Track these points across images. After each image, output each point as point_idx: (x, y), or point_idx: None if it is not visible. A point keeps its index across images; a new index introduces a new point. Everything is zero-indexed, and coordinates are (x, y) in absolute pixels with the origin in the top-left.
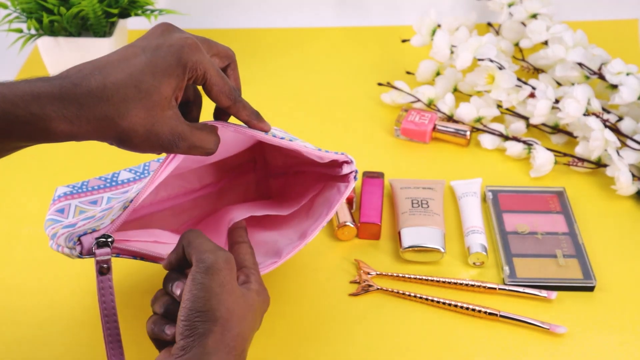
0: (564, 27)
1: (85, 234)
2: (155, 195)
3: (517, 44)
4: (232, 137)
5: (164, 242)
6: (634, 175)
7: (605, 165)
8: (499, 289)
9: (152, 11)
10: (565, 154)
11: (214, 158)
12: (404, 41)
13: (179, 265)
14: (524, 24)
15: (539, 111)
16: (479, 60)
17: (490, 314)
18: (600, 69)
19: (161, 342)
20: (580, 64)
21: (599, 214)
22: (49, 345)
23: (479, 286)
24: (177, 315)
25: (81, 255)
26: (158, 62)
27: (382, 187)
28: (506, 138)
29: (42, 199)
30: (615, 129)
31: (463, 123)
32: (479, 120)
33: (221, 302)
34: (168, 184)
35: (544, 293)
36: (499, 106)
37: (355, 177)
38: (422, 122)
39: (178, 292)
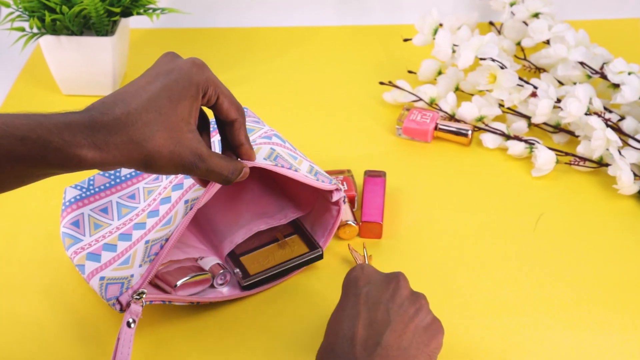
0: (565, 26)
1: (120, 293)
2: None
3: (519, 43)
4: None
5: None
6: (635, 175)
7: (606, 165)
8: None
9: (155, 10)
10: (566, 153)
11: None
12: (405, 40)
13: None
14: (525, 23)
15: (541, 110)
16: (481, 59)
17: None
18: (602, 68)
19: None
20: (582, 63)
21: (600, 213)
22: (50, 346)
23: None
24: None
25: (122, 311)
26: (172, 86)
27: (384, 186)
28: (508, 137)
29: (43, 198)
30: (617, 128)
31: (465, 122)
32: (480, 119)
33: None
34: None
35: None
36: (501, 105)
37: (344, 201)
38: (423, 121)
39: None
